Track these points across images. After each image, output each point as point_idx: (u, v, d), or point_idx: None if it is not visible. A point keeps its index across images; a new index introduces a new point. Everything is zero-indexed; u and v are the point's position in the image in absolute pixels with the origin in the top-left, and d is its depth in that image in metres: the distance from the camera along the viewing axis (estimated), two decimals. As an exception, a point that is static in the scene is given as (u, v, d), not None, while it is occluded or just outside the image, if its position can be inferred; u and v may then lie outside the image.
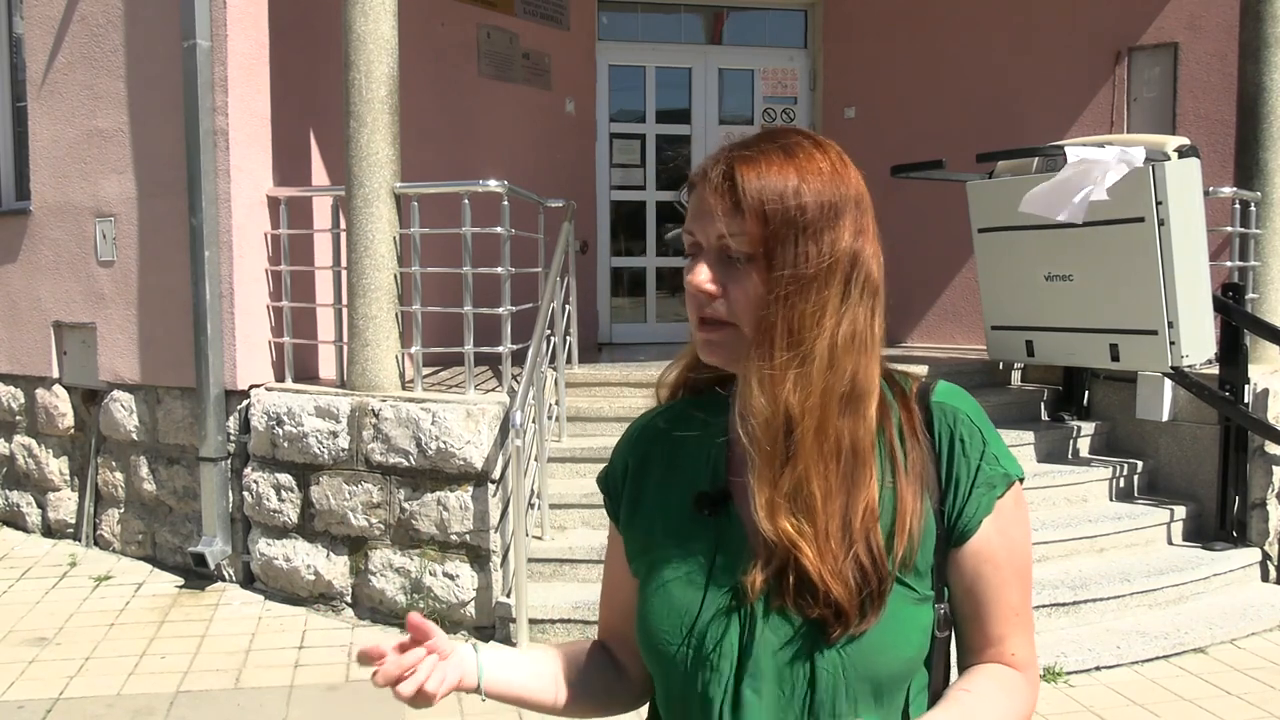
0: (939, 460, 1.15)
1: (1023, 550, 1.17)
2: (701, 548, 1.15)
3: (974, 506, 1.13)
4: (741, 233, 1.07)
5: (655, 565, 1.18)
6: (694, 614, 1.13)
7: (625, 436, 1.30)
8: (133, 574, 5.65)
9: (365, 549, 4.92)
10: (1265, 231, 5.73)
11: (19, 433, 6.55)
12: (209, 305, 5.26)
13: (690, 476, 1.19)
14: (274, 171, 5.47)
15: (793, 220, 1.07)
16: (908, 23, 7.68)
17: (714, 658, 1.12)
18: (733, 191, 1.07)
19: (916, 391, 1.18)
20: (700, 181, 1.11)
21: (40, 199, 6.23)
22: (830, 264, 1.08)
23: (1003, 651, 1.16)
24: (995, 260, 5.83)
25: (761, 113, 8.30)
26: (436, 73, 6.57)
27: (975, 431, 1.16)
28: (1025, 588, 1.17)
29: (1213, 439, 5.38)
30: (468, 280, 4.95)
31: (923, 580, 1.12)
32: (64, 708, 4.03)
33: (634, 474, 1.26)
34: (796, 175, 1.08)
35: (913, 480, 1.12)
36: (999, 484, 1.14)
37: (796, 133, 1.13)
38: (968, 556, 1.14)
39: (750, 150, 1.09)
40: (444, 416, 4.71)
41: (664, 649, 1.15)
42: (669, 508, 1.20)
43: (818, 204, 1.08)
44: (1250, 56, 5.66)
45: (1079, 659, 4.32)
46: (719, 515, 1.16)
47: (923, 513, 1.12)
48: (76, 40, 5.94)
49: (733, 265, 1.09)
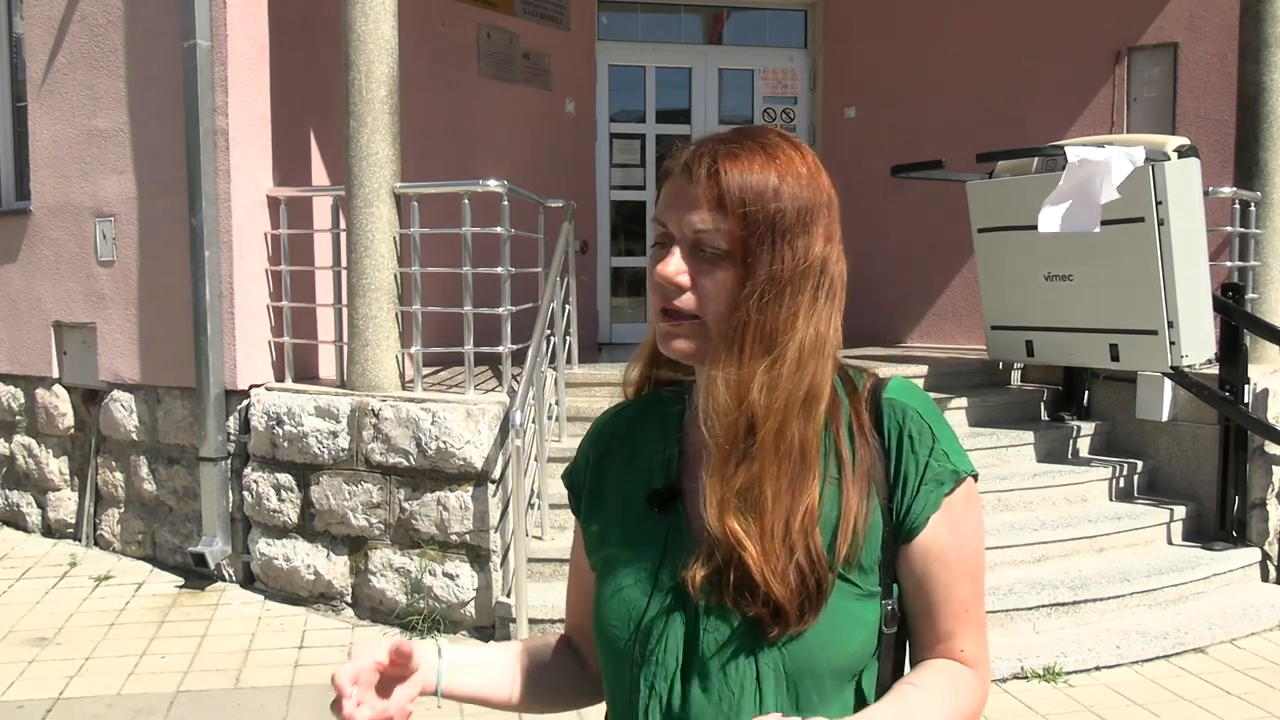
0: (887, 457, 1.14)
1: (973, 547, 1.17)
2: (651, 545, 1.16)
3: (921, 503, 1.13)
4: (721, 229, 1.07)
5: (609, 561, 1.20)
6: (641, 610, 1.15)
7: (589, 433, 1.32)
8: (133, 574, 5.65)
9: (365, 549, 4.92)
10: (1265, 231, 5.73)
11: (19, 433, 6.55)
12: (209, 305, 5.26)
13: (645, 474, 1.21)
14: (274, 171, 5.48)
15: (772, 221, 1.07)
16: (908, 23, 7.68)
17: (660, 654, 1.13)
18: (716, 186, 1.07)
19: (869, 388, 1.18)
20: (678, 173, 1.11)
21: (40, 199, 6.23)
22: (805, 269, 1.09)
23: (952, 648, 1.16)
24: (995, 260, 5.83)
25: (761, 113, 8.30)
26: (436, 73, 6.57)
27: (925, 428, 1.15)
28: (976, 585, 1.17)
29: (1212, 439, 5.38)
30: (468, 280, 4.95)
31: (867, 577, 1.12)
32: (64, 708, 4.03)
33: (594, 470, 1.27)
34: (777, 176, 1.08)
35: (859, 478, 1.12)
36: (947, 480, 1.14)
37: (774, 133, 1.13)
38: (916, 553, 1.14)
39: (733, 146, 1.09)
40: (444, 416, 4.71)
41: (614, 644, 1.17)
42: (624, 504, 1.21)
43: (795, 207, 1.09)
44: (1250, 56, 5.67)
45: (1079, 659, 4.32)
46: (669, 513, 1.17)
47: (868, 511, 1.12)
48: (76, 40, 5.94)
49: (704, 259, 1.09)
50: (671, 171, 1.12)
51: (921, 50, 7.59)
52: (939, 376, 6.06)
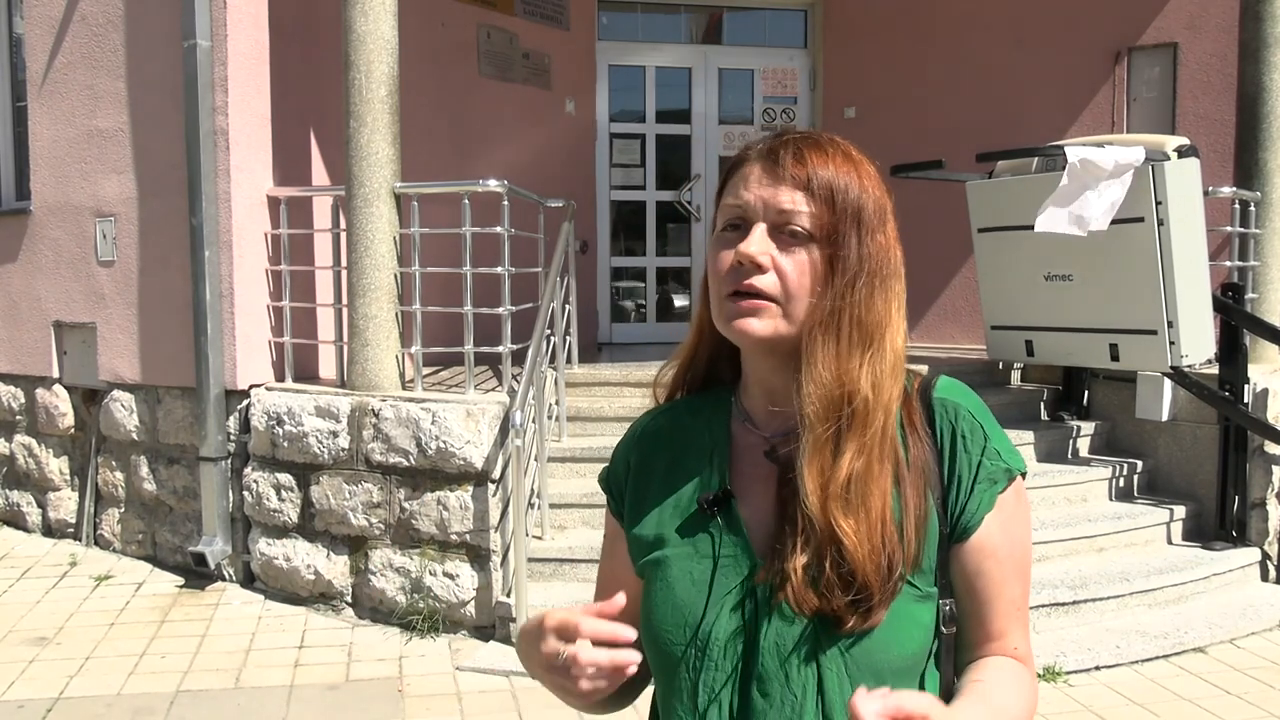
0: (940, 456, 1.14)
1: (1024, 545, 1.17)
2: (705, 548, 1.15)
3: (976, 502, 1.13)
4: (809, 211, 1.09)
5: (659, 565, 1.18)
6: (699, 614, 1.13)
7: (627, 436, 1.31)
8: (133, 574, 5.65)
9: (365, 549, 4.92)
10: (1265, 231, 5.73)
11: (19, 432, 6.55)
12: (209, 305, 5.26)
13: (693, 476, 1.20)
14: (274, 171, 5.48)
15: (855, 212, 1.10)
16: (908, 23, 7.68)
17: (719, 658, 1.12)
18: (804, 171, 1.10)
19: (918, 387, 1.18)
20: (760, 159, 1.13)
21: (40, 199, 6.23)
22: (891, 269, 1.13)
23: (1005, 646, 1.16)
24: (995, 260, 5.83)
25: (761, 113, 8.30)
26: (436, 73, 6.57)
27: (976, 427, 1.16)
28: (1026, 583, 1.18)
29: (1212, 439, 5.38)
30: (468, 280, 4.96)
31: (926, 577, 1.12)
32: (64, 707, 4.04)
33: (636, 474, 1.26)
34: (855, 172, 1.12)
35: (915, 477, 1.12)
36: (1001, 479, 1.14)
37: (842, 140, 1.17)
38: (970, 552, 1.13)
39: (816, 140, 1.13)
40: (444, 416, 4.71)
41: (669, 649, 1.15)
42: (673, 507, 1.20)
43: (873, 202, 1.12)
44: (1250, 56, 5.66)
45: (1079, 659, 4.32)
46: (722, 514, 1.16)
47: (926, 510, 1.12)
48: (76, 40, 5.94)
49: (788, 242, 1.10)
50: (747, 159, 1.14)
51: (921, 50, 7.59)
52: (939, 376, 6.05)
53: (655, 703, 1.25)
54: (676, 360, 1.26)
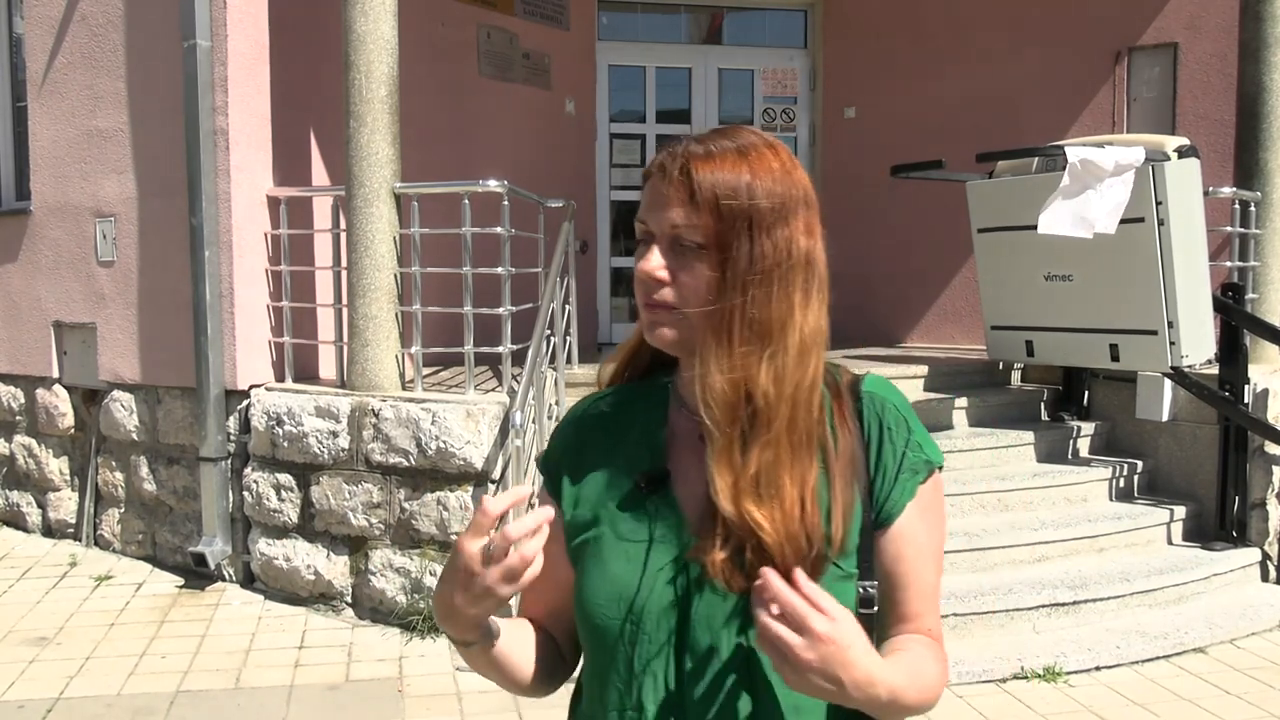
0: (867, 447, 1.20)
1: (940, 532, 1.24)
2: (640, 527, 1.20)
3: (900, 491, 1.19)
4: (695, 224, 1.12)
5: (595, 542, 1.22)
6: (633, 589, 1.18)
7: (566, 419, 1.35)
8: (133, 574, 5.65)
9: (365, 549, 4.92)
10: (1265, 231, 5.73)
11: (19, 433, 6.56)
12: (209, 305, 5.26)
13: (631, 458, 1.24)
14: (274, 171, 5.48)
15: (745, 214, 1.12)
16: (908, 23, 7.68)
17: (653, 631, 1.17)
18: (688, 183, 1.12)
19: (848, 383, 1.24)
20: (655, 174, 1.17)
21: (40, 199, 6.23)
22: (791, 264, 1.14)
23: (920, 626, 1.22)
24: (995, 260, 5.83)
25: (761, 113, 8.30)
26: (436, 73, 6.57)
27: (901, 420, 1.22)
28: (939, 569, 1.25)
29: (1212, 439, 5.38)
30: (468, 280, 4.95)
31: (848, 560, 1.17)
32: (64, 707, 4.04)
33: (574, 455, 1.29)
34: (750, 172, 1.13)
35: (843, 466, 1.18)
36: (922, 470, 1.21)
37: (750, 132, 1.18)
38: (892, 538, 1.19)
39: (705, 146, 1.15)
40: (444, 416, 4.71)
41: (604, 623, 1.19)
42: (610, 487, 1.24)
43: (769, 200, 1.13)
44: (1250, 56, 5.66)
45: (1079, 659, 4.32)
46: (657, 494, 1.20)
47: (853, 497, 1.17)
48: (76, 40, 5.94)
49: (684, 254, 1.14)
50: (650, 173, 1.18)
51: (921, 50, 7.59)
52: (939, 376, 6.06)
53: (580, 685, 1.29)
54: (622, 350, 1.32)
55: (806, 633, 1.01)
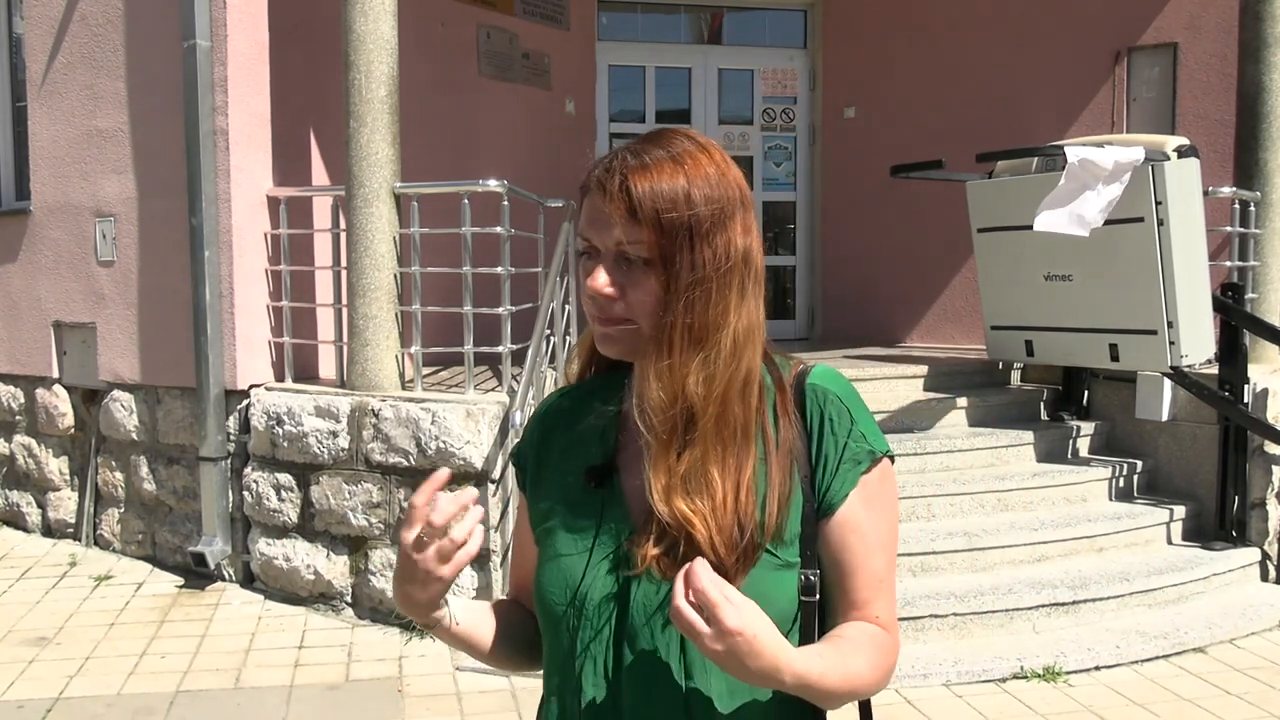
0: (809, 438, 1.22)
1: (888, 523, 1.25)
2: (588, 518, 1.24)
3: (841, 481, 1.21)
4: (639, 240, 1.14)
5: (550, 533, 1.27)
6: (578, 576, 1.22)
7: (534, 414, 1.41)
8: (133, 574, 5.65)
9: (365, 549, 4.92)
10: (1265, 231, 5.73)
11: (19, 432, 6.56)
12: (209, 305, 5.27)
13: (585, 451, 1.28)
14: (274, 171, 5.48)
15: (686, 225, 1.14)
16: (908, 23, 7.68)
17: (594, 617, 1.21)
18: (628, 200, 1.14)
19: (795, 374, 1.26)
20: (594, 190, 1.17)
21: (40, 199, 6.23)
22: (729, 266, 1.16)
23: (868, 614, 1.23)
24: (995, 260, 5.83)
25: (761, 113, 8.30)
26: (436, 73, 6.57)
27: (844, 411, 1.23)
28: (890, 557, 1.25)
29: (1212, 439, 5.38)
30: (468, 280, 4.96)
31: (788, 549, 1.19)
32: (64, 707, 4.04)
33: (537, 449, 1.35)
34: (686, 180, 1.15)
35: (783, 457, 1.20)
36: (865, 460, 1.22)
37: (682, 135, 1.20)
38: (835, 527, 1.21)
39: (640, 157, 1.16)
40: (444, 416, 4.71)
41: (553, 609, 1.24)
42: (565, 480, 1.29)
43: (708, 207, 1.15)
44: (1250, 56, 5.67)
45: (1078, 659, 4.32)
46: (605, 487, 1.24)
47: (791, 487, 1.19)
48: (76, 40, 5.94)
49: (630, 269, 1.16)
50: (588, 188, 1.19)
51: (921, 50, 7.59)
52: (939, 376, 6.06)
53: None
54: (582, 346, 1.35)
55: (715, 623, 1.03)
